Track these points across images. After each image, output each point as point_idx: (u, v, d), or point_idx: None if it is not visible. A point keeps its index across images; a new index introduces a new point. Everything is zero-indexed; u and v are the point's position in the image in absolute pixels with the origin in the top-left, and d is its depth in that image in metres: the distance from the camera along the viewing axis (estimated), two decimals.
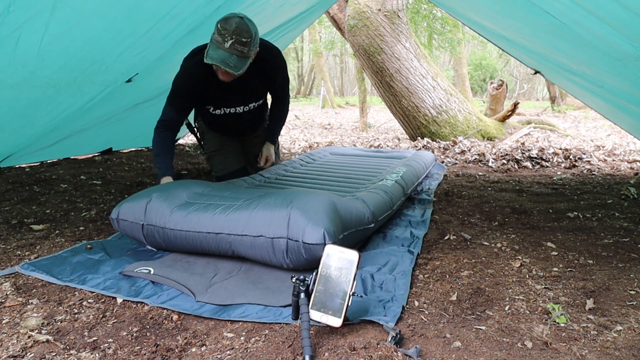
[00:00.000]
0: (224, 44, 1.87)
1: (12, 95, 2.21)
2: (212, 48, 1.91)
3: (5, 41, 1.74)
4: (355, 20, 5.37)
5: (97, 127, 3.23)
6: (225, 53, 1.89)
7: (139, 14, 2.08)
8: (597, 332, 1.14)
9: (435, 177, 3.15)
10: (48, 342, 1.09)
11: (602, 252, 1.71)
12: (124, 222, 1.66)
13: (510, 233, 1.94)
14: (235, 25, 1.87)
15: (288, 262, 1.43)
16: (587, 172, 3.49)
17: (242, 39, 1.88)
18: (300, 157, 3.17)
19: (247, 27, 1.90)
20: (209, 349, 1.08)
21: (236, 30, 1.87)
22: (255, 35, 1.95)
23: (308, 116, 11.33)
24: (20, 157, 3.16)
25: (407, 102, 5.29)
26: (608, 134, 6.33)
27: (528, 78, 19.76)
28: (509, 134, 5.60)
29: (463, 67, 10.74)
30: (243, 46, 1.90)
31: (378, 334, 1.12)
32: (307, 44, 18.27)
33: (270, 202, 1.52)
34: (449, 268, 1.55)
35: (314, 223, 1.40)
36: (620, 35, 1.66)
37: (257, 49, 2.01)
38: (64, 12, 1.73)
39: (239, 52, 1.90)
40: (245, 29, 1.89)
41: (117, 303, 1.30)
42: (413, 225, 2.03)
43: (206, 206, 1.59)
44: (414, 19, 7.74)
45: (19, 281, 1.42)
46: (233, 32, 1.86)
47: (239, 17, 1.91)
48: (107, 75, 2.50)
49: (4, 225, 1.97)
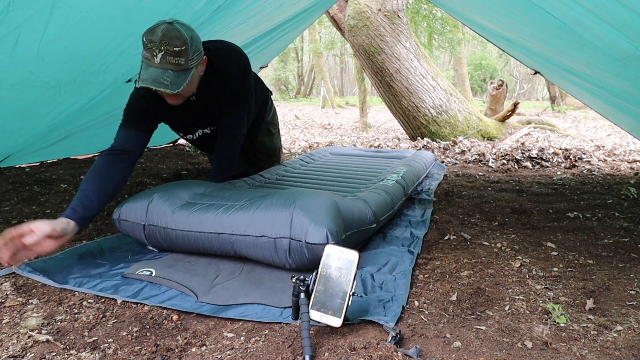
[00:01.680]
0: (154, 59, 1.57)
1: (12, 95, 2.21)
2: (142, 68, 1.60)
3: (4, 40, 1.74)
4: (355, 20, 5.37)
5: (97, 127, 3.23)
6: (157, 70, 1.58)
7: (139, 13, 2.08)
8: (597, 332, 1.14)
9: (435, 177, 3.15)
10: (48, 342, 1.09)
11: (602, 252, 1.71)
12: (125, 222, 1.66)
13: (510, 233, 1.95)
14: (161, 33, 1.55)
15: (291, 262, 1.43)
16: (587, 172, 3.49)
17: (173, 48, 1.57)
18: (300, 157, 3.17)
19: (178, 33, 1.58)
20: (209, 349, 1.08)
21: (163, 39, 1.55)
22: (192, 40, 1.63)
23: (308, 116, 11.33)
24: (20, 157, 3.16)
25: (407, 102, 5.29)
26: (608, 134, 6.33)
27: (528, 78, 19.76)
28: (509, 134, 5.60)
29: (463, 67, 10.74)
30: (177, 57, 1.58)
31: (378, 334, 1.12)
32: (307, 44, 18.27)
33: (273, 202, 1.52)
34: (449, 268, 1.55)
35: (317, 223, 1.40)
36: (621, 35, 1.66)
37: (202, 57, 1.72)
38: (63, 11, 1.73)
39: (173, 65, 1.58)
40: (176, 34, 1.57)
41: (117, 303, 1.30)
42: (413, 225, 2.03)
43: (208, 206, 1.59)
44: (414, 19, 7.75)
45: (19, 281, 1.42)
46: (160, 42, 1.55)
47: (167, 22, 1.59)
48: (107, 75, 2.50)
49: (4, 225, 1.97)
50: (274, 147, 2.75)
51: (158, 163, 3.64)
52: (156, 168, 3.42)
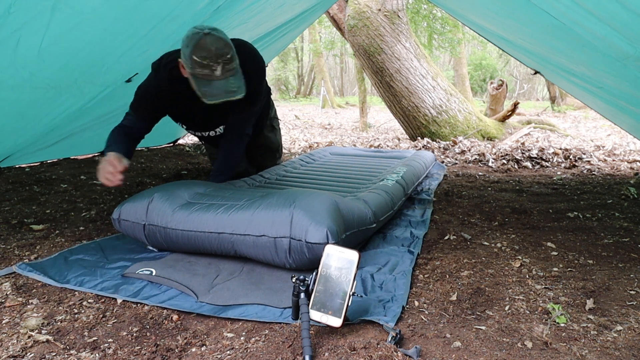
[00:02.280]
0: (214, 73, 1.62)
1: (13, 96, 2.21)
2: (202, 85, 1.63)
3: (5, 42, 1.74)
4: (355, 20, 5.37)
5: (97, 127, 3.23)
6: (221, 82, 1.64)
7: (140, 14, 2.08)
8: (597, 332, 1.14)
9: (435, 177, 3.15)
10: (48, 342, 1.09)
11: (602, 252, 1.71)
12: (125, 222, 1.66)
13: (510, 233, 1.95)
14: (213, 48, 1.60)
15: (291, 261, 1.43)
16: (587, 172, 3.49)
17: (226, 57, 1.62)
18: (300, 157, 3.17)
19: (222, 40, 1.63)
20: (209, 349, 1.08)
21: (217, 52, 1.60)
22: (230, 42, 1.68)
23: (308, 116, 11.33)
24: (20, 157, 3.16)
25: (407, 102, 5.29)
26: (608, 134, 6.33)
27: (528, 78, 19.76)
28: (509, 134, 5.60)
29: (463, 67, 10.74)
30: (231, 62, 1.64)
31: (378, 334, 1.12)
32: (307, 44, 18.27)
33: (273, 202, 1.53)
34: (449, 268, 1.55)
35: (317, 223, 1.40)
36: (620, 36, 1.66)
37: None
38: (64, 13, 1.73)
39: (231, 71, 1.65)
40: (222, 43, 1.62)
41: (117, 303, 1.30)
42: (413, 225, 2.03)
43: (208, 206, 1.60)
44: (414, 19, 7.75)
45: (19, 281, 1.42)
46: (215, 55, 1.60)
47: (205, 33, 1.61)
48: (108, 76, 2.50)
49: (4, 225, 1.97)
50: (277, 143, 2.77)
51: (158, 163, 3.64)
52: (156, 168, 3.42)
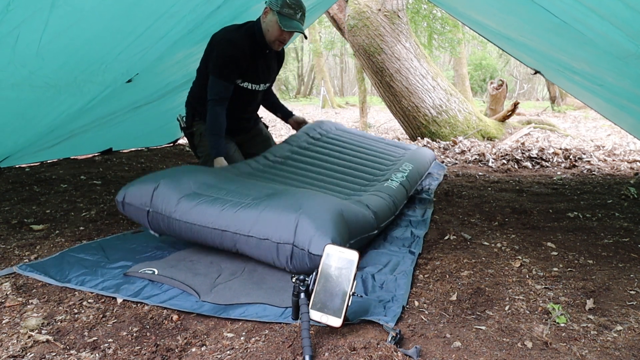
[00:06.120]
0: (296, 15, 2.18)
1: (12, 95, 2.21)
2: (285, 19, 2.16)
3: (4, 40, 1.74)
4: (355, 20, 5.37)
5: (97, 127, 3.23)
6: (297, 22, 2.19)
7: (138, 12, 2.08)
8: (597, 332, 1.14)
9: (435, 177, 3.15)
10: (48, 342, 1.09)
11: (602, 252, 1.71)
12: (129, 205, 1.66)
13: (510, 233, 1.94)
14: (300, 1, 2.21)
15: (291, 267, 1.43)
16: (587, 172, 3.49)
17: (304, 13, 2.21)
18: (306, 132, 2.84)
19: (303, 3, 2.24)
20: (209, 349, 1.08)
21: (301, 5, 2.20)
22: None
23: (308, 116, 11.32)
24: (20, 157, 3.16)
25: (407, 102, 5.29)
26: (608, 134, 6.33)
27: (528, 78, 19.75)
28: (509, 134, 5.60)
29: (463, 67, 10.73)
30: (304, 15, 2.22)
31: (378, 334, 1.12)
32: (307, 44, 18.25)
33: (280, 203, 1.51)
34: (449, 268, 1.55)
35: (322, 233, 1.37)
36: (622, 33, 1.66)
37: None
38: (63, 10, 1.72)
39: (302, 19, 2.21)
40: (303, 4, 2.23)
41: (117, 303, 1.30)
42: (413, 225, 2.03)
43: (214, 200, 1.59)
44: (414, 19, 7.74)
45: (19, 281, 1.42)
46: (300, 6, 2.19)
47: None
48: (107, 74, 2.50)
49: (4, 225, 1.97)
50: (267, 135, 2.80)
51: (158, 163, 3.64)
52: (156, 168, 3.42)
